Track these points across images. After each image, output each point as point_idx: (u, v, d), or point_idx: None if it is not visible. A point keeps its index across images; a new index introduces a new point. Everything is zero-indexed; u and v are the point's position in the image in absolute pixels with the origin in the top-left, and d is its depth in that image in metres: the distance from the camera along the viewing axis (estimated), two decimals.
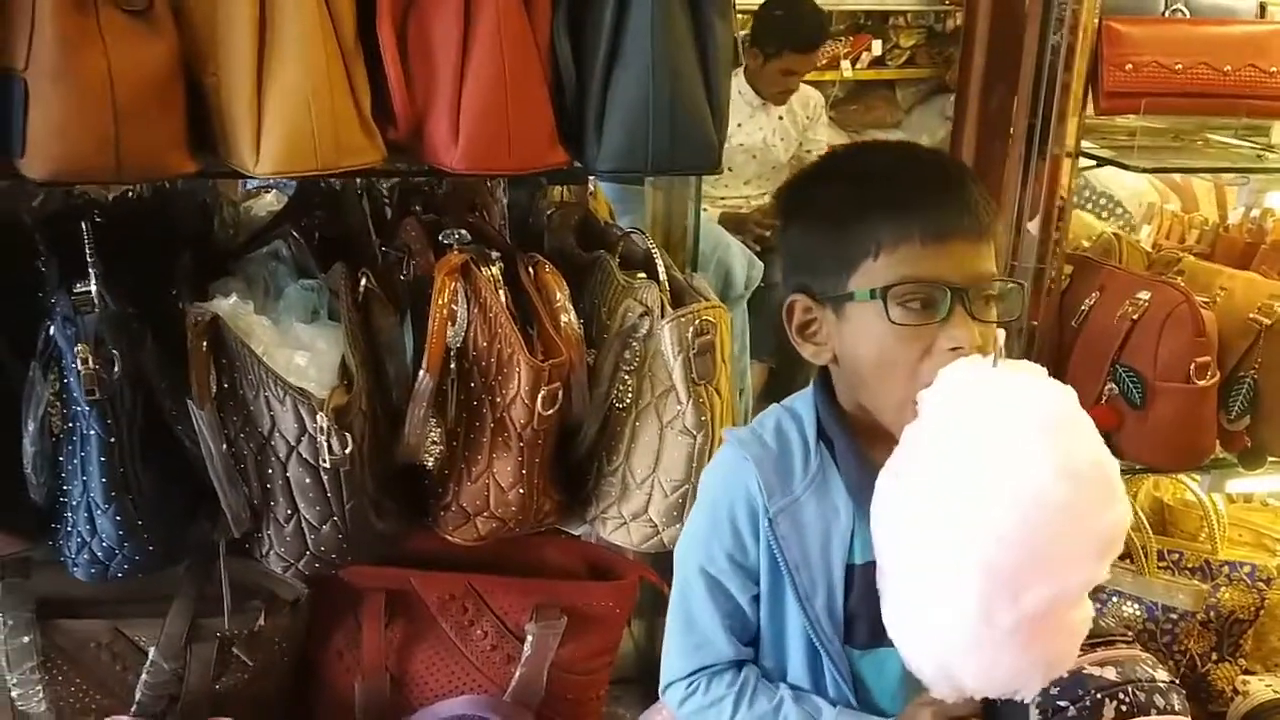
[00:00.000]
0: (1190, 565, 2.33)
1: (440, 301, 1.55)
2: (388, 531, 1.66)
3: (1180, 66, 1.95)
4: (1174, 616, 2.21)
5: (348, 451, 1.51)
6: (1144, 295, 2.00)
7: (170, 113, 1.44)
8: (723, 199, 3.84)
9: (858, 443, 1.23)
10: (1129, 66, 1.95)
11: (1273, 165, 2.18)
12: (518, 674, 1.90)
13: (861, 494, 1.18)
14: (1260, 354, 2.00)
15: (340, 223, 1.90)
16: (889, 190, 1.17)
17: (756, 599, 1.28)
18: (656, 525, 1.71)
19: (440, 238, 1.70)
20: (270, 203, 2.16)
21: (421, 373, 1.54)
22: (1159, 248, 2.55)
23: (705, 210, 3.77)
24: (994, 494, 1.02)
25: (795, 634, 1.26)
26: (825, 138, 3.95)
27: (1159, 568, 2.28)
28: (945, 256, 1.14)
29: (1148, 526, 2.30)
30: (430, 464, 1.66)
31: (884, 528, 1.11)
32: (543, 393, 1.56)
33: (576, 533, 1.81)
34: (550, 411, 1.58)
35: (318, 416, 1.49)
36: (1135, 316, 1.98)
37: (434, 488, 1.69)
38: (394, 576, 1.90)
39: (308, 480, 1.54)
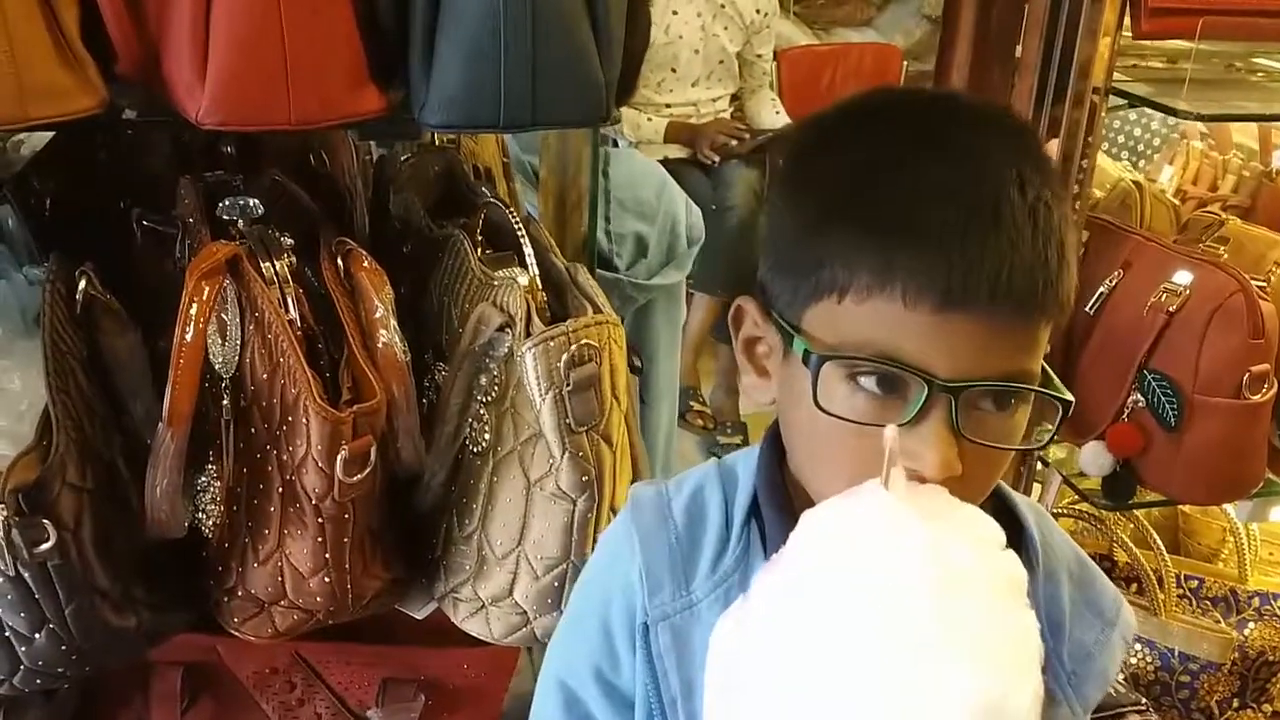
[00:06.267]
0: (1212, 595, 1.90)
1: (186, 319, 1.04)
2: (142, 628, 1.18)
3: None
4: (1194, 667, 1.79)
5: (48, 545, 1.02)
6: (1183, 279, 1.52)
7: None
8: (669, 106, 3.32)
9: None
10: None
11: None
12: None
13: None
14: None
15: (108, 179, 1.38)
16: (894, 198, 0.70)
17: None
18: (526, 613, 1.24)
19: (218, 210, 1.20)
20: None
21: (160, 426, 1.05)
22: (1184, 196, 2.07)
23: (651, 120, 3.33)
24: None
25: None
26: (774, 41, 3.41)
27: (1176, 597, 1.86)
28: (943, 333, 0.68)
29: (1161, 546, 1.87)
30: (207, 533, 1.19)
31: (714, 691, 0.72)
32: (343, 454, 1.07)
33: (419, 616, 1.34)
34: (357, 478, 1.09)
35: None
36: (1172, 308, 1.51)
37: (213, 565, 1.21)
38: (194, 645, 1.43)
39: None
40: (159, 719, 1.45)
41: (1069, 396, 0.73)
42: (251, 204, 1.19)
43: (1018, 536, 0.81)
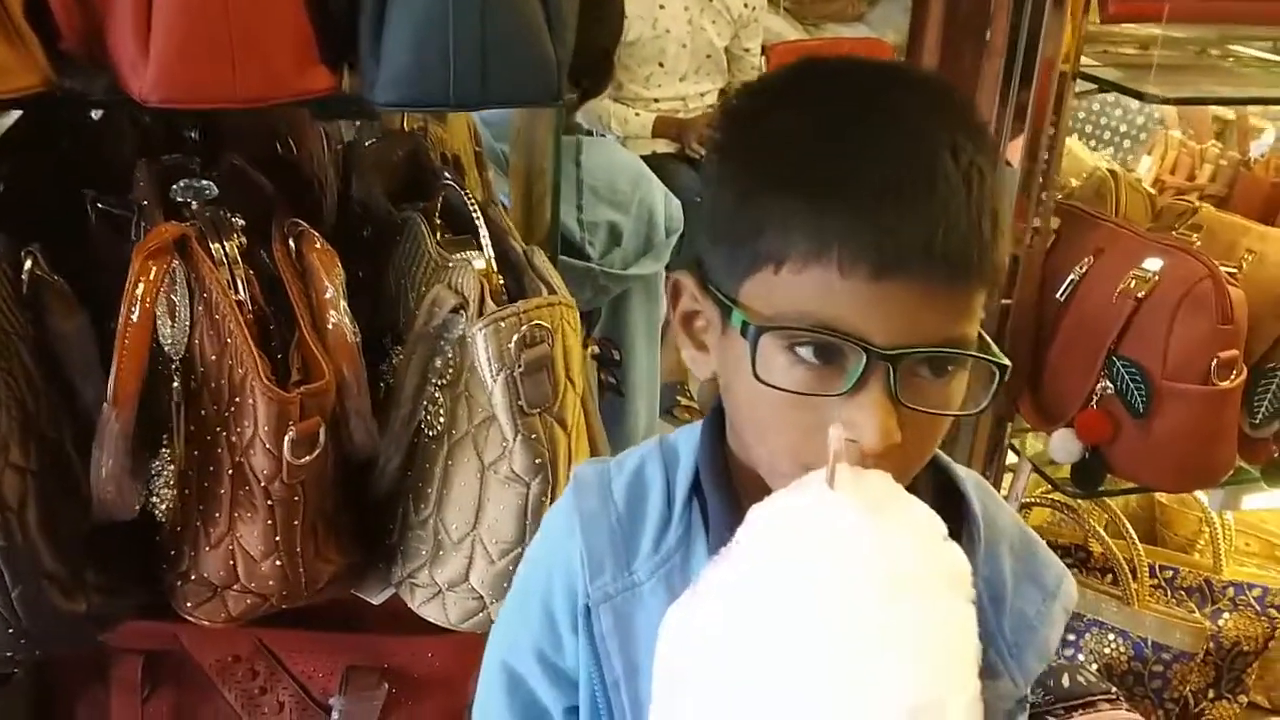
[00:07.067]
0: (1187, 585, 1.89)
1: (131, 299, 1.04)
2: (92, 612, 1.17)
3: None
4: (1167, 657, 1.77)
5: None
6: (1153, 265, 1.51)
7: None
8: (657, 101, 3.31)
9: (742, 507, 0.76)
10: None
11: None
12: None
13: None
14: None
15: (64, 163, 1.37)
16: (829, 166, 0.69)
17: (576, 713, 0.85)
18: (482, 597, 1.23)
19: (171, 193, 1.19)
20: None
21: (105, 406, 1.04)
22: (1162, 186, 2.06)
23: (639, 114, 3.32)
24: None
25: None
26: (762, 35, 3.39)
27: (1150, 588, 1.85)
28: (879, 300, 0.67)
29: (1134, 535, 1.85)
30: (160, 516, 1.18)
31: (661, 683, 0.70)
32: (291, 434, 1.06)
33: (376, 601, 1.33)
34: (306, 459, 1.08)
35: None
36: (1141, 294, 1.49)
37: (166, 549, 1.20)
38: (154, 633, 1.42)
39: None
40: (119, 707, 1.44)
41: (1005, 361, 0.72)
42: (205, 186, 1.19)
43: (958, 509, 0.80)
